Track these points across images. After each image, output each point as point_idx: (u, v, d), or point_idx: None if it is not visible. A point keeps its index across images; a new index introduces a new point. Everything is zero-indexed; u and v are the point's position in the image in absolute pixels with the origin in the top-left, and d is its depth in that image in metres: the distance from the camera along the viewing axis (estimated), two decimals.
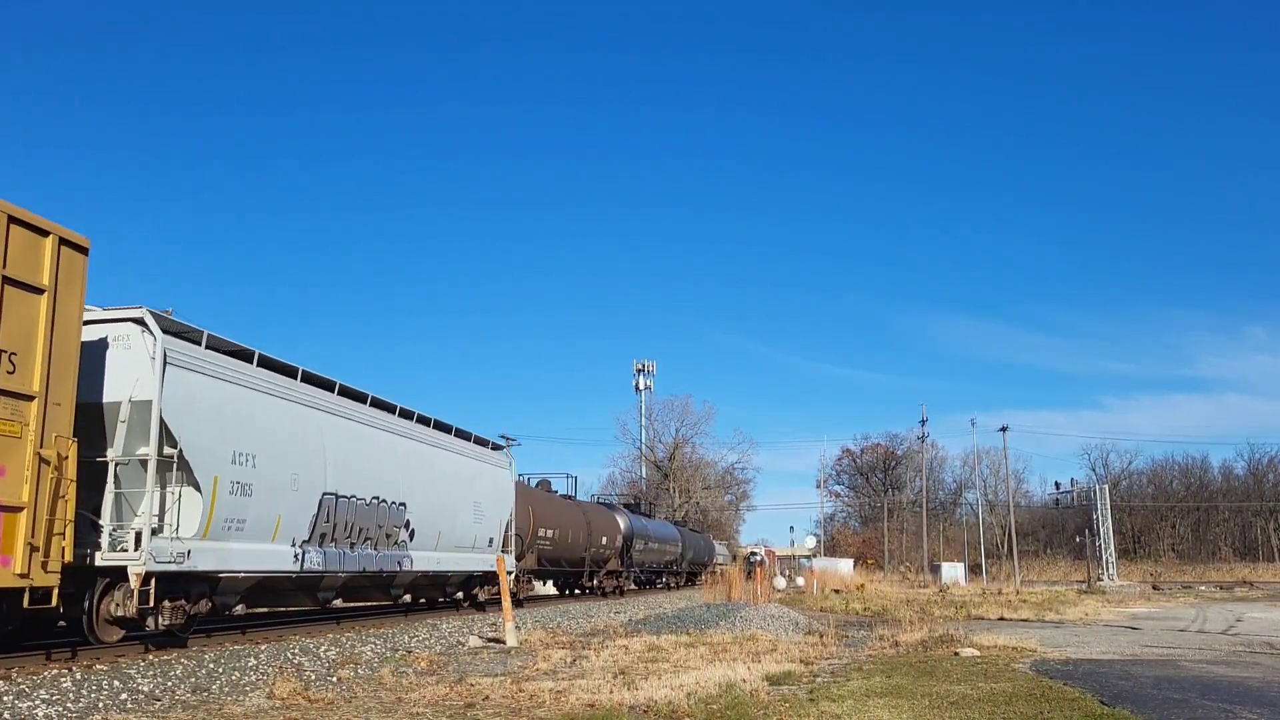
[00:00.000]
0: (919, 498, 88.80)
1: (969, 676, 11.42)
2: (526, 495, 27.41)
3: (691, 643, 15.64)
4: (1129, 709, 8.83)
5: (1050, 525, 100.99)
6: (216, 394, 13.18)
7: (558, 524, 29.38)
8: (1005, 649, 14.88)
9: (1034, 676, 11.46)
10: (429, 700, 9.50)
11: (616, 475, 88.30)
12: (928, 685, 10.59)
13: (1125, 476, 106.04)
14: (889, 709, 8.90)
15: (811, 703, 9.30)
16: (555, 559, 29.44)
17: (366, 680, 11.12)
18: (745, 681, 10.50)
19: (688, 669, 11.88)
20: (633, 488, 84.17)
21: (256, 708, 9.01)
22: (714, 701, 9.26)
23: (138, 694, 9.28)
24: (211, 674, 10.62)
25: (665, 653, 14.19)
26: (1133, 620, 24.23)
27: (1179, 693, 10.14)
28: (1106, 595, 40.64)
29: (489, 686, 10.33)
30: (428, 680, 11.04)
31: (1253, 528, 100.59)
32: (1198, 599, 39.08)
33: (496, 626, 17.73)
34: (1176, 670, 12.44)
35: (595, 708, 8.93)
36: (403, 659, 13.07)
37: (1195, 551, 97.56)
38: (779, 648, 15.11)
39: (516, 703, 9.32)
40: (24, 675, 9.36)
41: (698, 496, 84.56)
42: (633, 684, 10.42)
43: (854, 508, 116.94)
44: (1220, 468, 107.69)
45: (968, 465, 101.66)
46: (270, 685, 9.97)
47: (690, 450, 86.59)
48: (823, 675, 11.81)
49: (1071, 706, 9.06)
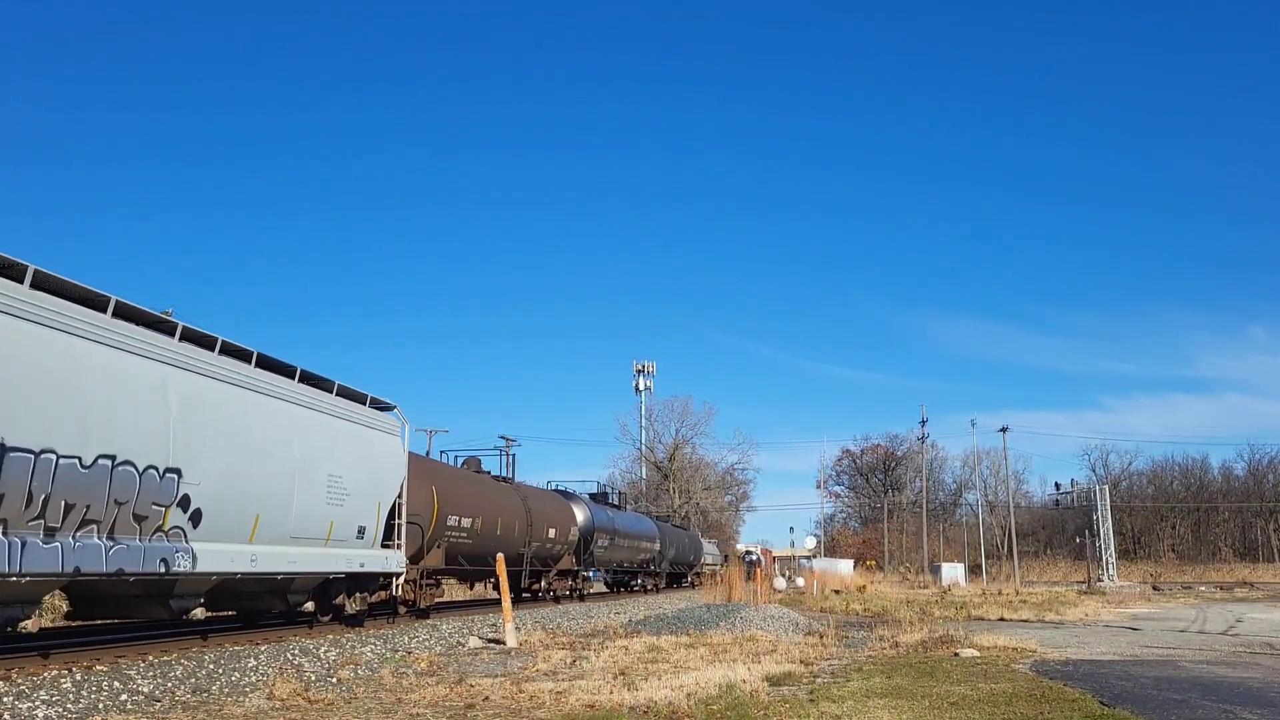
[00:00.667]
0: (919, 498, 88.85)
1: (969, 677, 11.42)
2: (429, 472, 21.03)
3: (691, 643, 15.64)
4: (1129, 709, 8.83)
5: (1050, 526, 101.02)
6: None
7: (479, 510, 22.82)
8: (1005, 649, 14.88)
9: (1034, 677, 11.46)
10: (429, 701, 9.50)
11: (616, 476, 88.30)
12: (928, 686, 10.59)
13: (1125, 477, 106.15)
14: (889, 709, 8.90)
15: (811, 703, 9.30)
16: (478, 555, 22.94)
17: (366, 681, 11.12)
18: (745, 682, 10.50)
19: (688, 670, 11.88)
20: (633, 488, 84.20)
21: (256, 708, 9.01)
22: (714, 702, 9.26)
23: (138, 695, 9.28)
24: (211, 675, 10.61)
25: (665, 653, 14.19)
26: (1133, 621, 24.23)
27: (1179, 693, 10.13)
28: (1106, 596, 40.64)
29: (489, 687, 10.33)
30: (428, 681, 11.04)
31: (1253, 528, 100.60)
32: (1198, 599, 39.08)
33: (496, 627, 17.74)
34: (1177, 671, 12.44)
35: (595, 708, 8.93)
36: (403, 660, 13.07)
37: (1195, 552, 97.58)
38: (779, 648, 15.11)
39: (516, 703, 9.32)
40: (24, 676, 9.36)
41: (698, 497, 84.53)
42: (633, 685, 10.42)
43: (854, 508, 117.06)
44: (1220, 468, 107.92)
45: (968, 466, 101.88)
46: (270, 686, 9.97)
47: (690, 451, 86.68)
48: (823, 676, 11.81)
49: (1071, 707, 9.06)
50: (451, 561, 21.68)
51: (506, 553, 22.47)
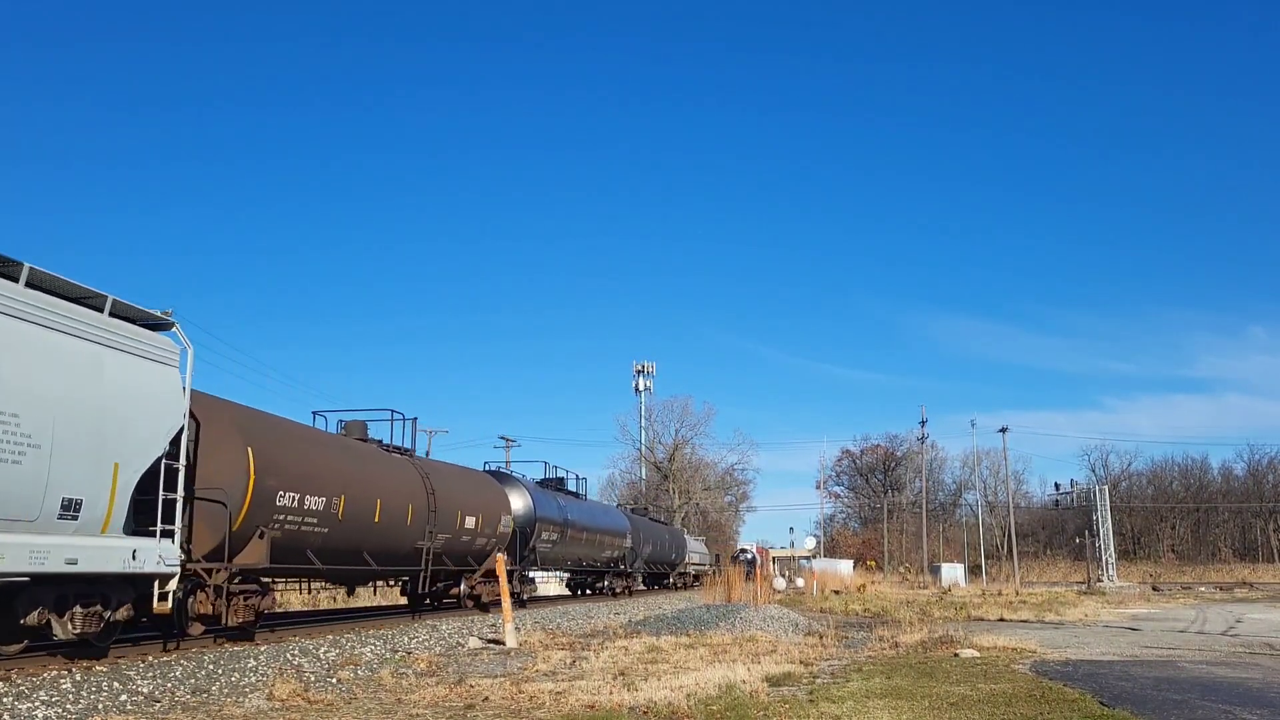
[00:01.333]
0: (919, 498, 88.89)
1: (969, 677, 11.42)
2: (242, 426, 14.12)
3: (691, 644, 15.65)
4: (1129, 710, 8.83)
5: (1050, 526, 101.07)
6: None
7: (341, 487, 16.16)
8: (1005, 650, 14.90)
9: (1034, 677, 11.47)
10: (429, 701, 9.50)
11: (616, 476, 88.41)
12: (927, 686, 10.60)
13: (1125, 477, 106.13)
14: (889, 710, 8.90)
15: (811, 704, 9.31)
16: (347, 550, 16.81)
17: (366, 681, 11.12)
18: (745, 682, 10.50)
19: (687, 670, 11.88)
20: (632, 489, 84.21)
21: (256, 709, 9.01)
22: (714, 703, 9.26)
23: (137, 695, 9.28)
24: (211, 675, 10.61)
25: (665, 654, 14.20)
26: (1132, 621, 24.24)
27: (1179, 693, 10.14)
28: (1106, 596, 40.66)
29: (489, 688, 10.33)
30: (427, 681, 11.04)
31: (1252, 529, 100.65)
32: (1197, 600, 39.10)
33: (496, 627, 17.74)
34: (1176, 671, 12.44)
35: (595, 709, 8.93)
36: (402, 660, 13.08)
37: (1195, 552, 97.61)
38: (779, 649, 15.12)
39: (516, 704, 9.32)
40: (24, 676, 9.36)
41: (697, 498, 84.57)
42: (632, 685, 10.42)
43: (854, 509, 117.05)
44: (1220, 468, 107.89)
45: (967, 466, 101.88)
46: (270, 686, 9.97)
47: (690, 451, 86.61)
48: (823, 676, 11.82)
49: (1071, 707, 9.06)
50: (295, 558, 15.33)
51: (394, 547, 18.31)
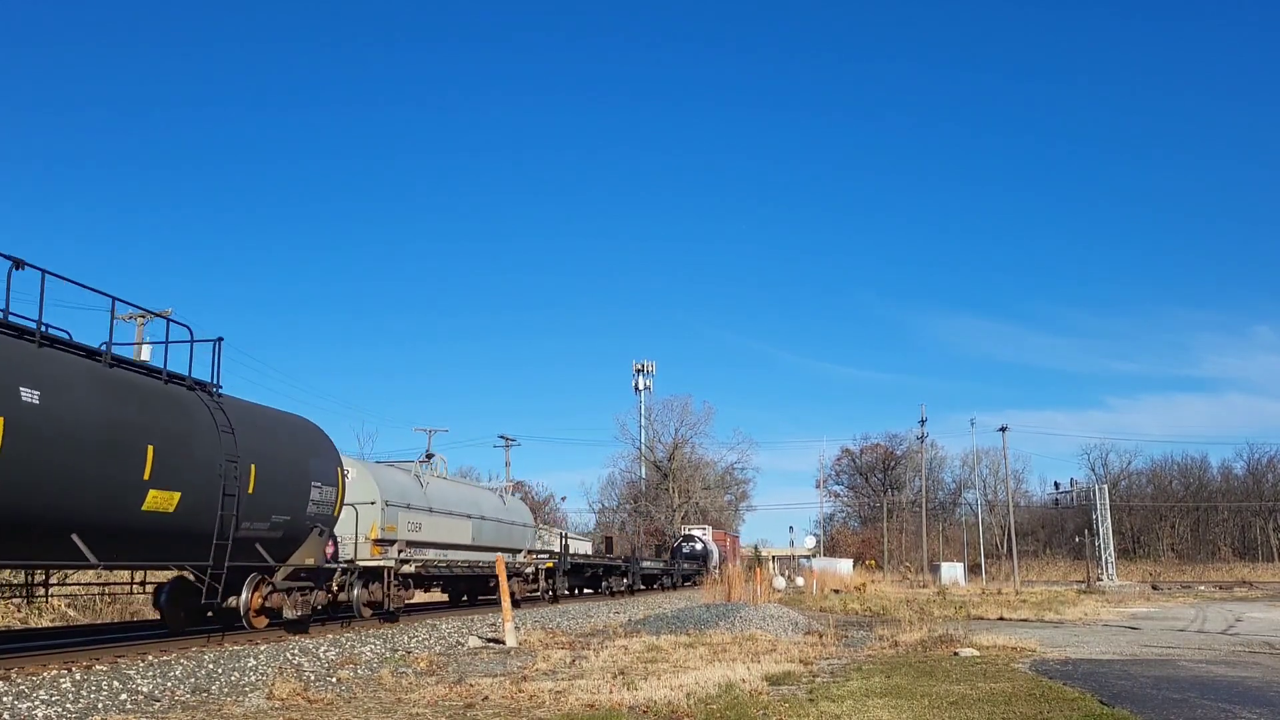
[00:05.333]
0: (918, 498, 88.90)
1: (968, 676, 11.43)
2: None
3: (691, 643, 15.65)
4: (1128, 709, 8.84)
5: (1050, 525, 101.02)
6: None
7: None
8: (1005, 649, 14.90)
9: (1033, 676, 11.47)
10: (429, 701, 9.50)
11: (616, 475, 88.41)
12: (927, 685, 10.60)
13: (1125, 476, 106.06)
14: (888, 709, 8.91)
15: (811, 703, 9.31)
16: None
17: (366, 681, 11.13)
18: (745, 681, 10.51)
19: (687, 669, 11.89)
20: (632, 488, 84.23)
21: (256, 708, 9.01)
22: (713, 702, 9.27)
23: (137, 694, 9.28)
24: (211, 674, 10.61)
25: (664, 653, 14.20)
26: (1132, 620, 24.24)
27: (1178, 692, 10.14)
28: (1106, 595, 40.66)
29: (488, 687, 10.33)
30: (427, 681, 11.05)
31: (1252, 528, 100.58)
32: (1197, 599, 39.09)
33: (496, 627, 17.74)
34: (1176, 670, 12.45)
35: (595, 708, 8.93)
36: (402, 659, 13.08)
37: (1194, 551, 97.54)
38: (778, 648, 15.13)
39: (516, 703, 9.32)
40: (23, 676, 9.36)
41: (697, 497, 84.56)
42: (632, 684, 10.43)
43: (853, 508, 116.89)
44: (1219, 468, 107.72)
45: (967, 465, 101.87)
46: (270, 686, 9.97)
47: (690, 450, 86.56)
48: (822, 675, 11.82)
49: (1071, 706, 9.07)
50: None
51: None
